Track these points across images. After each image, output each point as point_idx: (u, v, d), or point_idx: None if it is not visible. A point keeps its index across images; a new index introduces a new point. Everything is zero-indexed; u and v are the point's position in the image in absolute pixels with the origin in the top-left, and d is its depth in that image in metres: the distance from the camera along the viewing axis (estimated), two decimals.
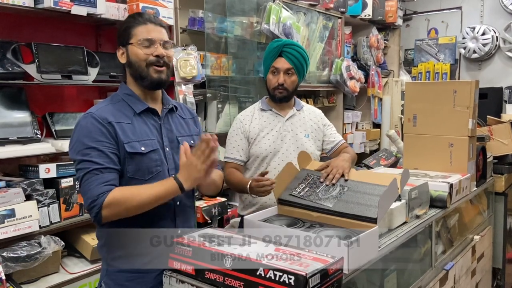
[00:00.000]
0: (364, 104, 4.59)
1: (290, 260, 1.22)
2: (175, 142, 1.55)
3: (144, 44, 1.46)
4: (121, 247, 1.48)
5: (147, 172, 1.46)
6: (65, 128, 2.29)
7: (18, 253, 1.88)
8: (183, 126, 1.61)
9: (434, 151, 2.54)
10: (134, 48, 1.47)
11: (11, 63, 2.05)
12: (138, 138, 1.45)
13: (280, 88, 2.17)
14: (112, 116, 1.44)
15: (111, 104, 1.49)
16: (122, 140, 1.42)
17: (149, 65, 1.47)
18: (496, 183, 3.07)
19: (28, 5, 2.00)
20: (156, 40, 1.47)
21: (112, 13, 2.32)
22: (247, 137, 2.22)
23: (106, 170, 1.38)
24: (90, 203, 1.36)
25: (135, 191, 1.37)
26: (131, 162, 1.43)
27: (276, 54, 2.17)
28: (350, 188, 1.75)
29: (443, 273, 2.17)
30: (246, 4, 3.08)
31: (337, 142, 2.31)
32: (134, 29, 1.47)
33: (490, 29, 4.73)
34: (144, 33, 1.47)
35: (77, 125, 1.44)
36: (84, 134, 1.40)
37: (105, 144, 1.40)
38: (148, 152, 1.46)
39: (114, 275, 1.49)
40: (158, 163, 1.48)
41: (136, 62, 1.47)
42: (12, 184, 2.01)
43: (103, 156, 1.39)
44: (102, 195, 1.35)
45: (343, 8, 3.99)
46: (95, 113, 1.43)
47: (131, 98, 1.51)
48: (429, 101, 2.56)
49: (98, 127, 1.40)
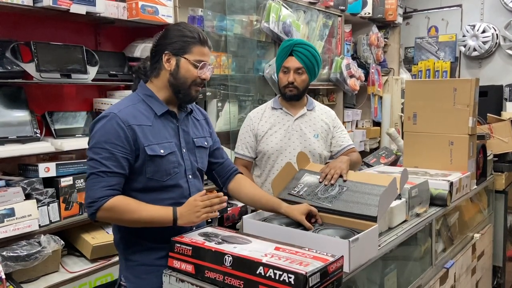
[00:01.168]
0: (364, 102, 4.58)
1: (290, 259, 1.22)
2: (191, 143, 1.61)
3: (197, 65, 1.52)
4: (138, 242, 1.53)
5: (165, 174, 1.51)
6: (64, 127, 2.29)
7: (18, 252, 1.88)
8: (197, 127, 1.67)
9: (434, 149, 2.54)
10: (187, 64, 1.51)
11: (10, 62, 2.05)
12: (157, 141, 1.50)
13: (290, 86, 2.20)
14: (134, 118, 1.48)
15: (133, 105, 1.52)
16: (143, 143, 1.47)
17: (193, 84, 1.54)
18: (496, 181, 3.07)
19: (27, 4, 1.99)
20: (207, 64, 1.54)
21: (111, 11, 2.31)
22: (255, 135, 2.26)
23: (112, 174, 1.43)
24: (90, 202, 1.42)
25: (133, 207, 1.43)
26: (151, 164, 1.48)
27: (287, 53, 2.19)
28: (349, 188, 1.75)
29: (443, 271, 2.17)
30: (246, 3, 3.07)
31: (344, 147, 2.30)
32: (194, 46, 1.52)
33: (490, 26, 4.72)
34: (201, 55, 1.53)
35: (97, 121, 1.48)
36: (102, 133, 1.45)
37: (118, 148, 1.44)
38: (166, 155, 1.51)
39: (133, 268, 1.54)
40: (175, 165, 1.53)
41: (183, 77, 1.52)
42: (11, 183, 2.00)
43: (112, 159, 1.43)
44: (103, 199, 1.41)
45: (343, 6, 3.98)
46: (117, 114, 1.46)
47: (151, 100, 1.55)
48: (429, 99, 2.56)
49: (116, 130, 1.44)
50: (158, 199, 1.50)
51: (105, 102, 2.46)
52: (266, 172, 2.27)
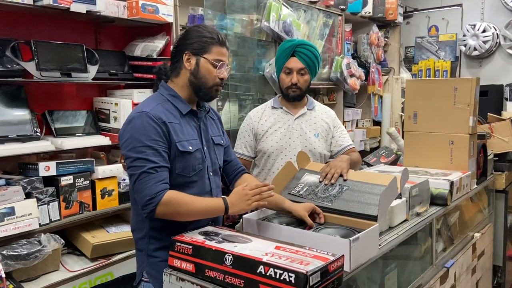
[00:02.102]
0: (364, 102, 4.58)
1: (290, 258, 1.22)
2: (210, 141, 1.67)
3: (216, 64, 1.57)
4: (163, 238, 1.55)
5: (191, 169, 1.57)
6: (64, 125, 2.29)
7: (18, 251, 1.88)
8: (214, 126, 1.74)
9: (434, 149, 2.54)
10: (207, 63, 1.57)
11: (10, 61, 2.04)
12: (186, 138, 1.56)
13: (294, 87, 2.21)
14: (165, 116, 1.53)
15: (160, 104, 1.57)
16: (174, 139, 1.52)
17: (214, 85, 1.60)
18: (497, 181, 3.07)
19: (28, 3, 1.99)
20: (225, 64, 1.60)
21: (112, 10, 2.31)
22: (255, 134, 2.26)
23: (161, 169, 1.47)
24: (148, 200, 1.44)
25: (188, 199, 1.49)
26: (180, 160, 1.54)
27: (289, 54, 2.19)
28: (350, 187, 1.75)
29: (443, 270, 2.17)
30: (246, 2, 3.07)
31: (344, 147, 2.30)
32: (213, 46, 1.58)
33: (491, 26, 4.72)
34: (220, 55, 1.59)
35: (130, 122, 1.51)
36: (140, 132, 1.48)
37: (159, 143, 1.49)
38: (194, 151, 1.57)
39: (156, 264, 1.56)
40: (200, 161, 1.60)
41: (204, 77, 1.58)
42: (11, 182, 2.00)
43: (157, 155, 1.48)
44: (160, 193, 1.44)
45: (343, 5, 3.97)
46: (149, 112, 1.50)
47: (176, 100, 1.60)
48: (430, 99, 2.55)
49: (153, 126, 1.48)
50: None
51: (105, 101, 2.46)
52: (266, 171, 2.27)
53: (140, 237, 1.61)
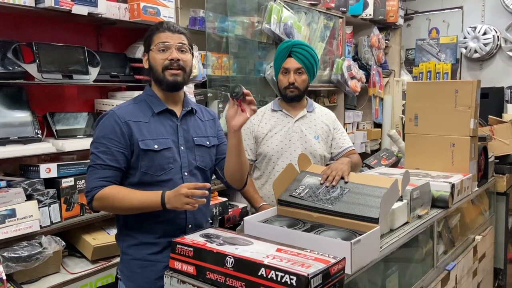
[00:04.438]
0: (365, 104, 4.58)
1: (291, 261, 1.22)
2: (190, 142, 1.65)
3: (160, 48, 1.57)
4: (132, 236, 1.59)
5: (159, 169, 1.56)
6: (65, 127, 2.29)
7: (19, 253, 1.88)
8: (200, 127, 1.71)
9: (435, 151, 2.53)
10: (153, 53, 1.59)
11: (12, 63, 2.05)
12: (153, 137, 1.57)
13: (291, 87, 2.21)
14: (131, 115, 1.57)
15: (133, 104, 1.62)
16: (137, 138, 1.54)
17: (164, 69, 1.57)
18: (498, 183, 3.07)
19: (29, 5, 1.99)
20: (171, 45, 1.57)
21: (113, 12, 2.31)
22: (255, 137, 2.26)
23: (106, 167, 1.52)
24: (86, 192, 1.54)
25: (123, 194, 1.50)
26: (145, 158, 1.55)
27: (286, 55, 2.20)
28: (351, 189, 1.74)
29: (444, 273, 2.17)
30: (247, 4, 3.07)
31: (344, 148, 2.31)
32: (154, 36, 1.59)
33: (491, 28, 4.72)
34: (161, 39, 1.58)
35: (99, 119, 1.59)
36: (100, 129, 1.56)
37: (114, 142, 1.53)
38: (161, 150, 1.57)
39: (128, 262, 1.59)
40: (170, 161, 1.58)
41: (154, 67, 1.59)
42: (12, 184, 2.00)
43: (108, 153, 1.52)
44: (96, 189, 1.51)
45: (344, 7, 3.98)
46: (116, 112, 1.57)
47: (152, 99, 1.63)
48: (431, 101, 2.55)
49: (113, 126, 1.54)
50: None
51: (106, 103, 2.47)
52: (267, 174, 2.27)
53: (117, 234, 1.67)
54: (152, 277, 1.55)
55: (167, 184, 1.56)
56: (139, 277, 1.57)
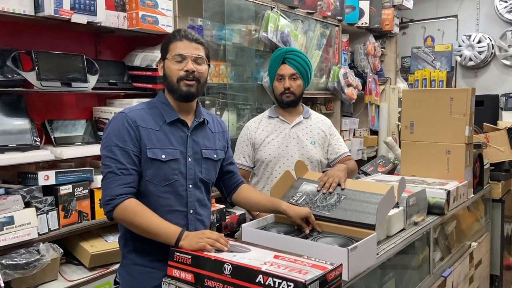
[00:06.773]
0: (361, 111, 4.61)
1: (289, 267, 1.23)
2: (198, 154, 1.63)
3: (176, 59, 1.55)
4: (135, 242, 1.56)
5: (164, 179, 1.54)
6: (64, 135, 2.29)
7: (16, 261, 1.88)
8: (209, 139, 1.68)
9: (431, 158, 2.56)
10: (168, 62, 1.57)
11: (11, 71, 2.05)
12: (161, 146, 1.54)
13: (287, 92, 2.24)
14: (142, 121, 1.54)
15: (146, 109, 1.59)
16: (146, 145, 1.51)
17: (179, 79, 1.55)
18: (493, 190, 3.09)
19: (29, 13, 2.00)
20: (187, 55, 1.55)
21: (112, 21, 2.33)
22: (253, 144, 2.29)
23: (128, 172, 1.48)
24: (107, 200, 1.46)
25: (146, 215, 1.45)
26: (151, 167, 1.52)
27: (280, 62, 2.23)
28: (348, 196, 1.76)
29: (441, 280, 2.18)
30: (245, 12, 3.10)
31: (340, 154, 2.33)
32: (171, 44, 1.57)
33: (486, 37, 4.77)
34: (178, 49, 1.55)
35: (110, 122, 1.55)
36: (114, 132, 1.50)
37: (130, 145, 1.49)
38: (168, 161, 1.54)
39: (128, 266, 1.59)
40: (175, 172, 1.55)
41: (170, 76, 1.57)
42: (11, 191, 2.00)
43: (126, 156, 1.48)
44: (121, 197, 1.45)
45: (340, 16, 4.02)
46: (127, 114, 1.53)
47: (165, 107, 1.60)
48: (426, 108, 2.58)
49: (126, 128, 1.50)
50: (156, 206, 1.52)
51: (104, 110, 2.48)
52: (264, 180, 2.28)
53: (119, 237, 1.64)
54: (150, 284, 1.54)
55: (170, 195, 1.55)
56: (138, 283, 1.56)
